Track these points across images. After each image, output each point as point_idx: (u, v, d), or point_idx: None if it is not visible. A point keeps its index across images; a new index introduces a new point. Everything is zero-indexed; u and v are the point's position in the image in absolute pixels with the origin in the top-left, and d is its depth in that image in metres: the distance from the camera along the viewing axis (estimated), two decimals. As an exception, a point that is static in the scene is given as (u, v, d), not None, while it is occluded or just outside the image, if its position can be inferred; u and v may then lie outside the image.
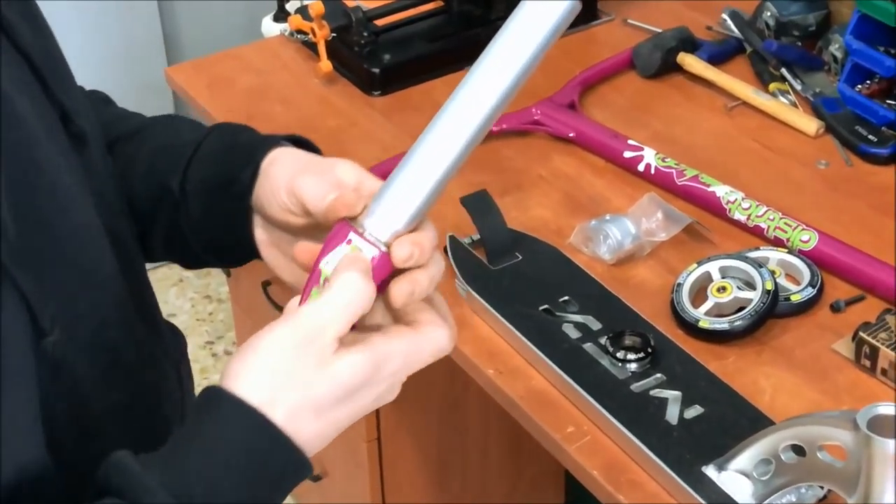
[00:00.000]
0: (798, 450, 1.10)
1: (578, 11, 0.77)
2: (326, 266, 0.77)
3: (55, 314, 0.71)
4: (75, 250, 0.78)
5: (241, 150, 0.92)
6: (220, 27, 2.52)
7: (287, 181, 0.87)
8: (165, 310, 2.78)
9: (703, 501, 1.14)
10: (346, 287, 0.74)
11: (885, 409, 1.01)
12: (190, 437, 0.73)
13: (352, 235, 0.77)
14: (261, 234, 0.93)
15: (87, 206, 0.80)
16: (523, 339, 1.33)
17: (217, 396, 0.73)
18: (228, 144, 0.94)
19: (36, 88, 0.79)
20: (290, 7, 2.15)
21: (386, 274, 0.78)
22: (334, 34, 1.81)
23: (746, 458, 1.14)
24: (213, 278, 2.86)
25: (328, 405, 0.74)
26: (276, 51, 1.93)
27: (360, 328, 0.77)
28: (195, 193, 0.94)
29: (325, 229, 0.80)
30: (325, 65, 1.81)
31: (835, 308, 1.38)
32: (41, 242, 0.73)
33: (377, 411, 1.81)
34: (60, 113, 0.81)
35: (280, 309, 0.87)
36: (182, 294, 2.85)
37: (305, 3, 1.86)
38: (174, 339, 1.01)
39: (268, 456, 0.72)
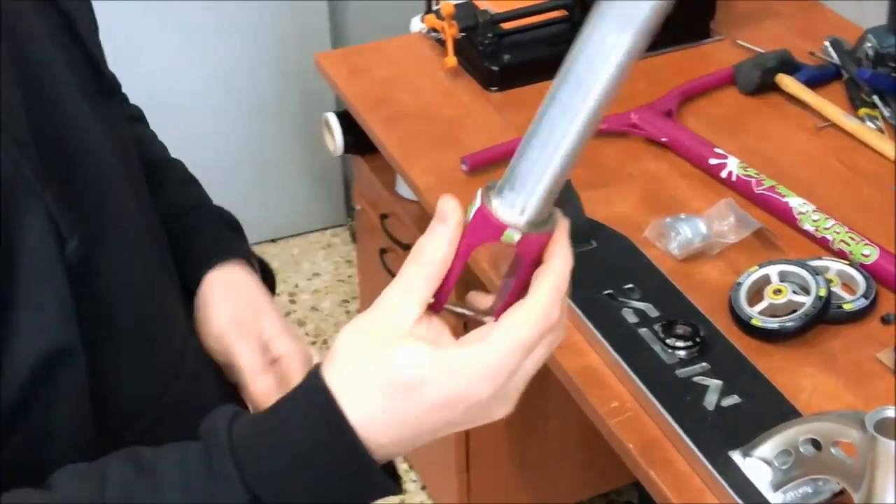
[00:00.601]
0: (816, 444, 1.05)
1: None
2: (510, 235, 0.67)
3: (74, 225, 0.71)
4: (94, 178, 0.77)
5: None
6: (380, 21, 2.52)
7: (216, 326, 0.94)
8: (312, 269, 2.83)
9: (725, 483, 1.10)
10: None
11: (893, 412, 0.96)
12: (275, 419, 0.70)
13: (510, 232, 0.68)
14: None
15: (107, 148, 0.79)
16: (584, 318, 1.30)
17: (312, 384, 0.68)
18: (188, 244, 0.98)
19: (71, 43, 0.79)
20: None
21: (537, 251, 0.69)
22: (463, 33, 1.80)
23: (769, 447, 1.10)
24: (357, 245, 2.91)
25: (389, 389, 0.66)
26: (413, 46, 1.93)
27: None
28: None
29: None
30: (451, 60, 1.80)
31: (885, 320, 1.31)
32: (62, 166, 0.73)
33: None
34: (92, 67, 0.81)
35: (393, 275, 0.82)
36: (328, 257, 2.89)
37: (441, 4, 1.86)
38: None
39: (333, 450, 0.67)
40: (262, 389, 0.90)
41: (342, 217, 2.93)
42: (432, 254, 0.68)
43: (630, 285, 1.34)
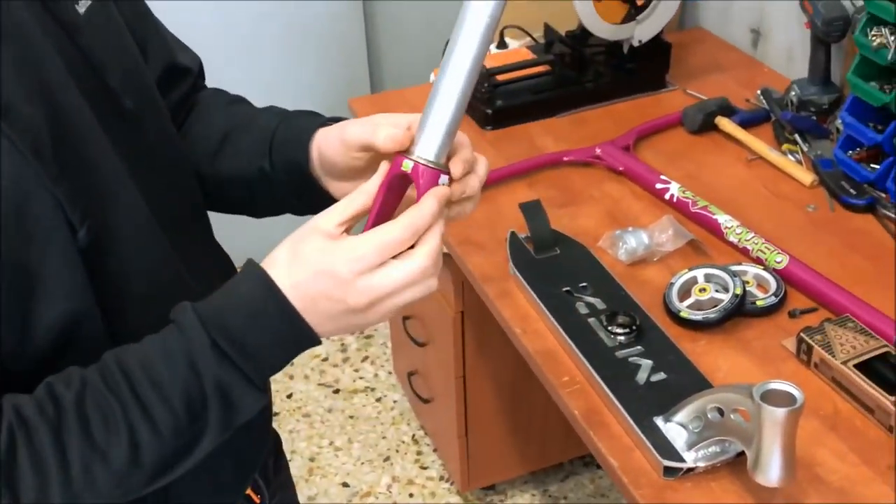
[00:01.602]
0: (720, 411, 1.05)
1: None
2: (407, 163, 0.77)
3: (82, 217, 0.73)
4: (104, 180, 0.78)
5: (296, 140, 0.92)
6: (410, 71, 2.54)
7: (338, 142, 0.87)
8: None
9: (648, 443, 1.10)
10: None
11: (776, 384, 0.96)
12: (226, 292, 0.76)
13: (406, 161, 0.76)
14: (332, 186, 0.92)
15: (115, 161, 0.79)
16: (544, 309, 1.30)
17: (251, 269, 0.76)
18: (288, 136, 0.93)
19: (89, 74, 0.78)
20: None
21: (432, 185, 0.76)
22: (465, 83, 1.81)
23: (684, 414, 1.10)
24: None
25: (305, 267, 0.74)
26: (427, 93, 1.93)
27: None
28: (278, 170, 0.94)
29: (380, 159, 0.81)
30: (455, 104, 1.81)
31: (792, 314, 1.30)
32: (75, 170, 0.74)
33: (464, 355, 1.81)
34: (108, 94, 0.80)
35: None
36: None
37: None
38: (219, 262, 0.99)
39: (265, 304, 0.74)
40: (385, 138, 0.80)
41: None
42: (361, 192, 0.78)
43: (584, 284, 1.34)
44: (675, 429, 1.10)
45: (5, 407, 0.69)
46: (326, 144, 0.89)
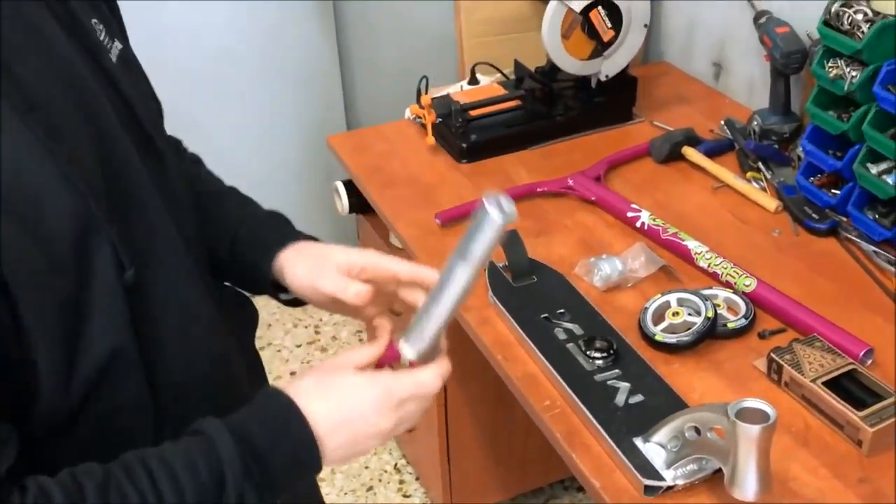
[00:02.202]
0: (697, 430, 1.07)
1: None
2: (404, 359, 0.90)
3: (132, 257, 0.77)
4: (148, 221, 0.83)
5: (262, 245, 1.01)
6: (384, 109, 2.57)
7: (310, 288, 0.97)
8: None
9: (629, 463, 1.12)
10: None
11: (750, 403, 0.98)
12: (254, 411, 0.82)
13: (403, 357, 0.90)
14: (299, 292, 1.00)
15: (157, 197, 0.84)
16: (524, 336, 1.32)
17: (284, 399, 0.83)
18: (254, 239, 1.02)
19: (131, 121, 0.84)
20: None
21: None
22: (440, 119, 1.84)
23: (663, 434, 1.12)
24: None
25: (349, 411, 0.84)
26: (403, 129, 1.97)
27: None
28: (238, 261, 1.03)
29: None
30: (430, 139, 1.84)
31: (761, 336, 1.34)
32: (123, 210, 0.78)
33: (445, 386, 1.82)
34: (145, 137, 0.86)
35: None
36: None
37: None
38: (242, 310, 1.04)
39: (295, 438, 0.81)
40: (355, 295, 0.93)
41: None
42: (366, 350, 0.90)
43: (562, 310, 1.36)
44: (653, 448, 1.12)
45: (30, 485, 0.71)
46: (293, 278, 0.98)
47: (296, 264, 0.97)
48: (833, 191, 1.59)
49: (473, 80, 2.19)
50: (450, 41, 2.65)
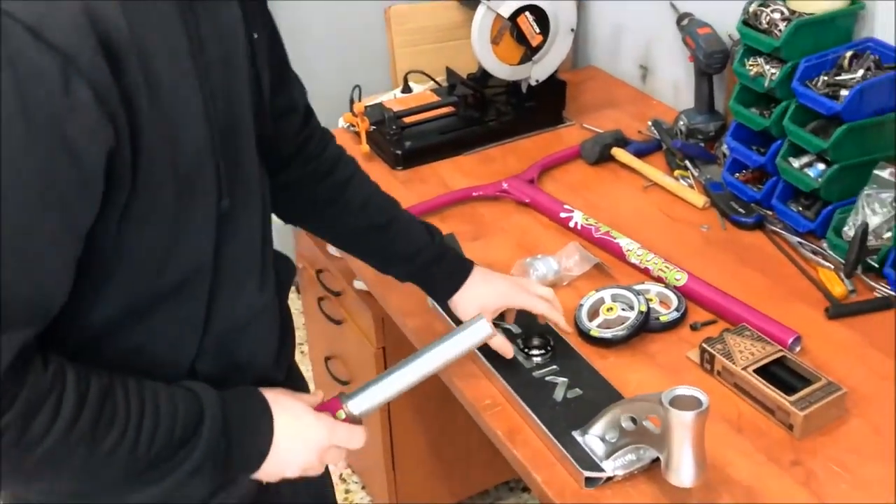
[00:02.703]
0: (634, 420, 1.09)
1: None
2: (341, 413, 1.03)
3: (227, 191, 0.90)
4: (245, 164, 0.95)
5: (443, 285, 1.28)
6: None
7: (498, 302, 1.28)
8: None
9: (569, 456, 1.13)
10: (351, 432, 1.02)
11: (683, 390, 1.00)
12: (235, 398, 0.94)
13: (340, 412, 1.03)
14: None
15: (254, 152, 0.98)
16: (463, 337, 1.33)
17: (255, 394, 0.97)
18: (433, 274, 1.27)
19: (256, 89, 0.97)
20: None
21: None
22: (373, 126, 1.84)
23: (601, 426, 1.13)
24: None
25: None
26: (337, 137, 1.96)
27: None
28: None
29: None
30: (364, 147, 1.84)
31: (693, 327, 1.36)
32: (232, 151, 0.90)
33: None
34: (261, 110, 0.99)
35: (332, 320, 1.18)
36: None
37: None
38: (285, 264, 1.13)
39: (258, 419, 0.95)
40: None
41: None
42: (312, 398, 1.04)
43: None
44: (593, 441, 1.14)
45: (53, 360, 0.81)
46: (471, 298, 1.27)
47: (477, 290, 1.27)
48: (758, 186, 1.63)
49: (407, 89, 2.20)
50: (382, 50, 2.66)
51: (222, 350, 0.96)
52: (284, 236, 2.80)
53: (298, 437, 0.96)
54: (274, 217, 1.12)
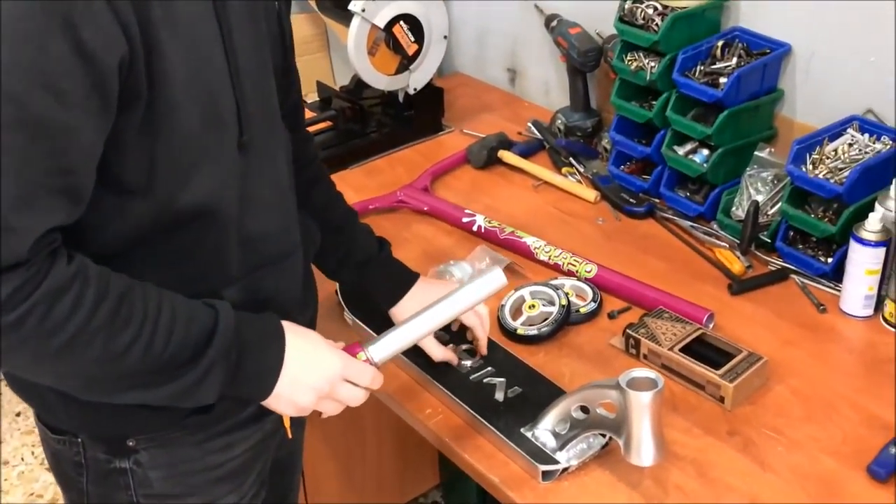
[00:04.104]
0: (584, 409, 1.13)
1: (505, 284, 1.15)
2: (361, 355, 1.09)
3: (247, 128, 0.96)
4: (268, 113, 1.03)
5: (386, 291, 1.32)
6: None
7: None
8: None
9: (523, 452, 1.16)
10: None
11: (639, 372, 1.05)
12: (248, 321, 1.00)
13: (360, 353, 1.08)
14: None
15: (275, 100, 1.05)
16: (393, 349, 1.34)
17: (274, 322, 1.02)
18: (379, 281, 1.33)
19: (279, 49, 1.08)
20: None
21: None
22: (253, 147, 1.82)
23: (550, 419, 1.17)
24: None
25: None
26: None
27: None
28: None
29: None
30: (248, 169, 1.81)
31: (611, 316, 1.43)
32: (255, 95, 0.98)
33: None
34: (287, 68, 1.13)
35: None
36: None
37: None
38: (310, 229, 1.20)
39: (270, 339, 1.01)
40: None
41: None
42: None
43: (422, 319, 1.39)
44: (543, 435, 1.17)
45: (78, 258, 0.88)
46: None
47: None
48: (644, 176, 1.72)
49: (271, 108, 2.18)
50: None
51: (248, 283, 1.02)
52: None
53: (311, 362, 1.01)
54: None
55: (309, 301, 1.18)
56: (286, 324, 1.02)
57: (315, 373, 1.01)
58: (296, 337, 1.02)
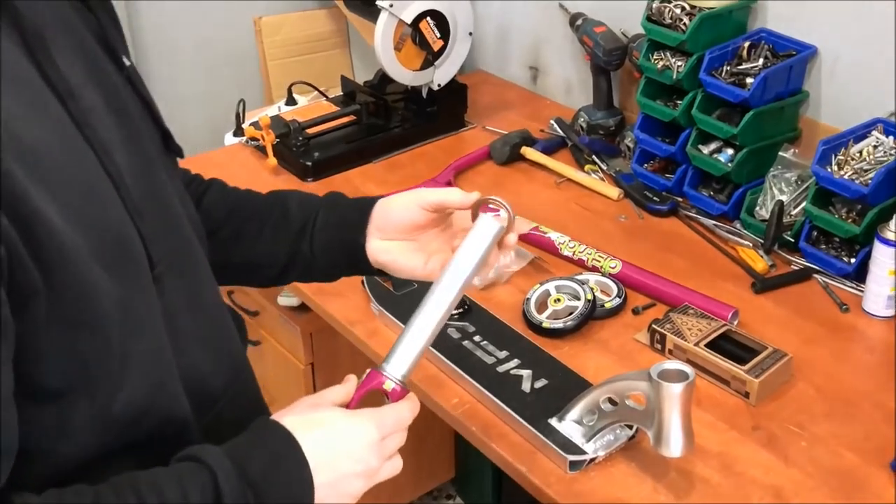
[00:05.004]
0: (612, 401, 1.15)
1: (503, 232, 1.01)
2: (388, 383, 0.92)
3: (160, 257, 0.80)
4: (173, 222, 0.86)
5: (352, 216, 1.06)
6: (192, 138, 2.53)
7: (415, 205, 1.03)
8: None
9: (550, 442, 1.18)
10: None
11: (670, 364, 1.07)
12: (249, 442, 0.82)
13: (388, 378, 0.92)
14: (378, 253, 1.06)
15: (176, 202, 0.88)
16: (420, 340, 1.36)
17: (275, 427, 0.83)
18: (339, 217, 1.07)
19: (148, 119, 0.88)
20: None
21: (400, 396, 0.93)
22: (278, 139, 1.85)
23: (577, 410, 1.19)
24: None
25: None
26: (236, 154, 1.96)
27: None
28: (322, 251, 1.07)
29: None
30: (272, 161, 1.84)
31: (635, 311, 1.45)
32: (153, 212, 0.81)
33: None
34: (163, 136, 0.90)
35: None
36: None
37: (256, 119, 1.90)
38: (237, 319, 1.04)
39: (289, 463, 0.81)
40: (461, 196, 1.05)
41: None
42: (339, 389, 0.91)
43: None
44: (569, 426, 1.19)
45: (16, 501, 0.70)
46: (385, 218, 1.04)
47: (391, 203, 1.05)
48: (667, 174, 1.75)
49: (291, 101, 2.21)
50: (253, 64, 2.65)
51: (209, 430, 0.87)
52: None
53: (339, 452, 0.83)
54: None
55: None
56: (291, 422, 0.83)
57: (350, 460, 0.84)
58: (308, 433, 0.82)
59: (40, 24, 0.74)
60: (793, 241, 1.54)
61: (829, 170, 1.47)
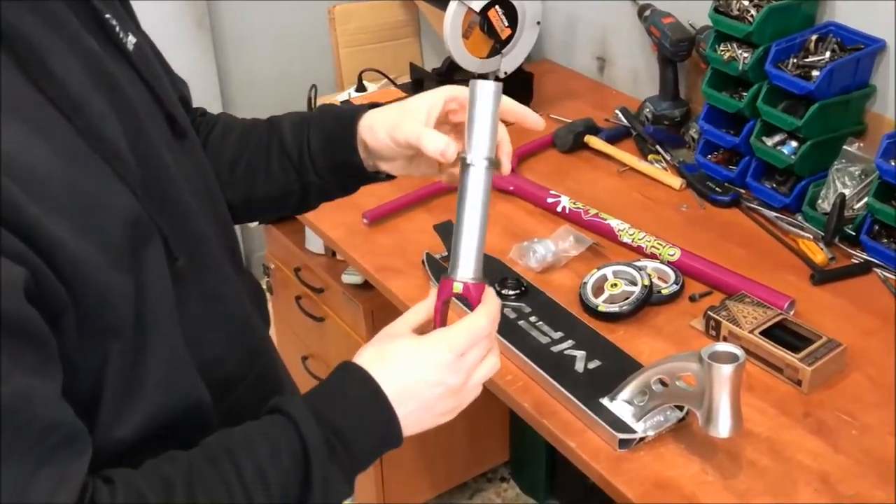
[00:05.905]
0: (664, 382, 1.18)
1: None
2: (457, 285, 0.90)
3: (179, 248, 0.80)
4: (184, 214, 0.85)
5: (340, 127, 1.02)
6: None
7: (390, 140, 0.98)
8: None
9: (601, 421, 1.21)
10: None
11: (721, 346, 1.10)
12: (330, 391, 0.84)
13: (456, 284, 0.90)
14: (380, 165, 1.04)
15: (186, 188, 0.87)
16: (477, 318, 1.40)
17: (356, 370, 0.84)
18: (331, 128, 1.03)
19: (153, 103, 0.86)
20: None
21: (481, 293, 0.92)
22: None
23: (629, 391, 1.22)
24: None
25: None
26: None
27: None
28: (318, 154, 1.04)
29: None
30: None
31: (692, 299, 1.47)
32: (164, 206, 0.81)
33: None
34: (171, 120, 0.89)
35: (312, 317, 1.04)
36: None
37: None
38: (257, 287, 1.05)
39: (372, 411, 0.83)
40: (432, 147, 0.94)
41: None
42: (420, 306, 0.92)
43: (505, 291, 1.46)
44: (620, 406, 1.23)
45: (117, 481, 0.72)
46: (373, 139, 1.00)
47: (374, 125, 0.99)
48: (730, 166, 1.76)
49: (361, 88, 2.27)
50: (325, 51, 2.72)
51: (231, 412, 0.88)
52: (256, 234, 2.84)
53: (418, 381, 0.84)
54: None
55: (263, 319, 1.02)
56: (365, 360, 0.85)
57: (427, 385, 0.85)
58: (382, 368, 0.84)
59: (30, 32, 0.71)
60: (854, 234, 1.55)
61: (893, 164, 1.47)
